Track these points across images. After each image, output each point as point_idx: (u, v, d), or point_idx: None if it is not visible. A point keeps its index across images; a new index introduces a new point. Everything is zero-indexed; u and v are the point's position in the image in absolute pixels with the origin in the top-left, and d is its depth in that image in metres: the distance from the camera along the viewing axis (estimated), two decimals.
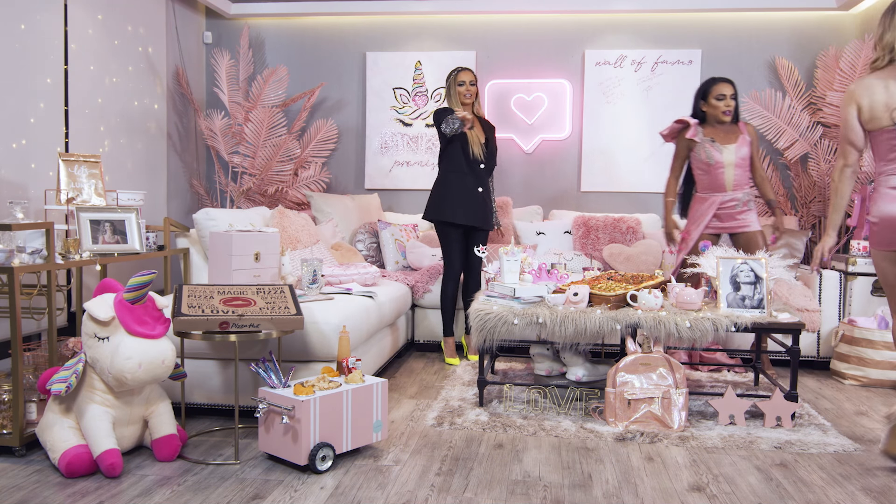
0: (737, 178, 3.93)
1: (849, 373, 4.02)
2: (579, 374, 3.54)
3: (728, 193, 3.95)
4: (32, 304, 3.09)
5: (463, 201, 4.16)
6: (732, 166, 3.90)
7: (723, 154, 3.89)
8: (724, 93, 3.90)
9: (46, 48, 3.87)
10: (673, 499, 2.40)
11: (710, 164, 3.90)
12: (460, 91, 4.21)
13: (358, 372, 2.78)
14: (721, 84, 3.93)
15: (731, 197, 3.95)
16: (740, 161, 3.91)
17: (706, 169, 3.94)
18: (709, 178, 3.96)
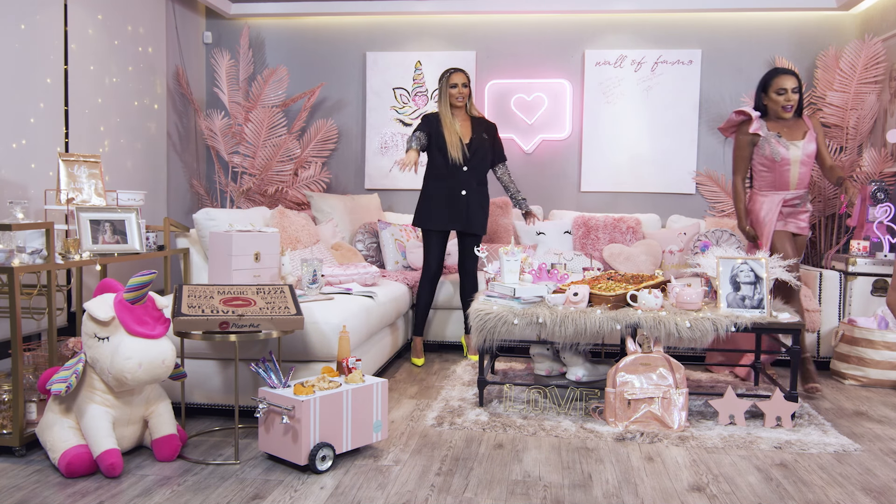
0: (801, 175, 3.77)
1: (849, 373, 4.02)
2: (579, 374, 3.54)
3: (791, 192, 3.79)
4: (32, 304, 3.09)
5: (441, 206, 4.13)
6: (799, 163, 3.73)
7: (790, 150, 3.71)
8: (786, 86, 3.69)
9: (46, 48, 3.87)
10: (673, 499, 2.40)
11: (775, 160, 3.72)
12: (452, 93, 4.17)
13: (358, 372, 2.78)
14: (782, 77, 3.71)
15: (795, 195, 3.80)
16: (807, 158, 3.74)
17: (770, 166, 3.76)
18: (773, 176, 3.79)
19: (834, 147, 4.97)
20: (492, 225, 5.11)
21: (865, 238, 4.39)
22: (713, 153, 5.40)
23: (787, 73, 3.70)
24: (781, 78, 3.71)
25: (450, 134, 4.12)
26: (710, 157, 5.40)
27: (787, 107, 3.71)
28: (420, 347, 4.31)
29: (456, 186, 4.14)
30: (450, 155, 4.10)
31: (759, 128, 3.76)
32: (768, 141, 3.73)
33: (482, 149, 4.22)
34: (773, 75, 3.73)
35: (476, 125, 4.25)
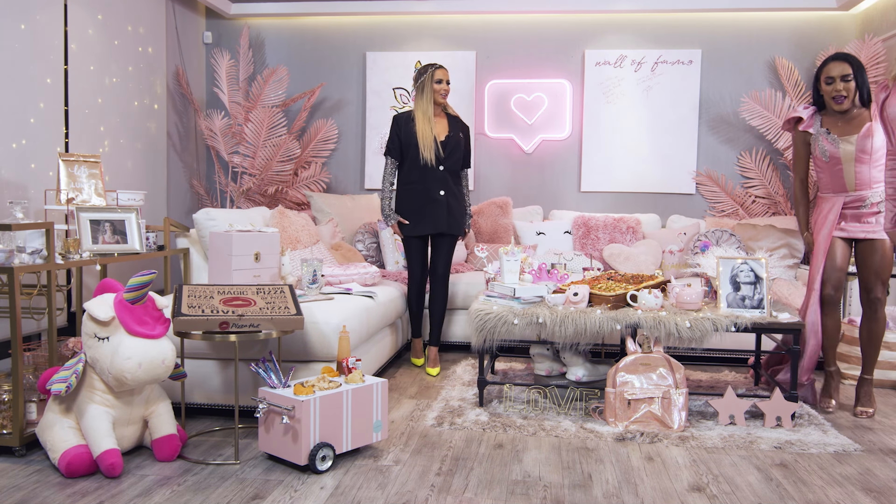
0: (861, 174, 3.30)
1: (849, 373, 4.01)
2: (579, 374, 3.54)
3: (851, 193, 3.36)
4: (32, 304, 3.09)
5: (419, 211, 3.98)
6: (853, 161, 3.28)
7: (839, 147, 3.29)
8: (833, 74, 3.27)
9: (46, 48, 3.87)
10: (673, 499, 2.40)
11: (824, 160, 3.35)
12: (437, 89, 3.97)
13: (358, 372, 2.78)
14: (831, 64, 3.29)
15: (856, 196, 3.35)
16: (863, 155, 3.27)
17: (823, 166, 3.39)
18: (827, 177, 3.41)
19: None
20: (492, 225, 5.11)
21: None
22: (713, 153, 5.40)
23: (836, 60, 3.28)
24: (830, 66, 3.29)
25: (423, 134, 3.95)
26: (710, 157, 5.40)
27: (838, 98, 3.28)
28: (420, 348, 4.29)
29: (433, 187, 3.98)
30: (422, 156, 3.94)
31: (810, 124, 3.42)
32: (818, 138, 3.37)
33: (458, 148, 4.07)
34: (824, 63, 3.34)
35: (452, 124, 4.10)
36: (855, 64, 3.25)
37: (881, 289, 3.35)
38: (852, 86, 3.25)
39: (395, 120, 4.09)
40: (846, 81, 3.25)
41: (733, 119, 5.33)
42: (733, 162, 5.36)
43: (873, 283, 3.35)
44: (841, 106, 3.27)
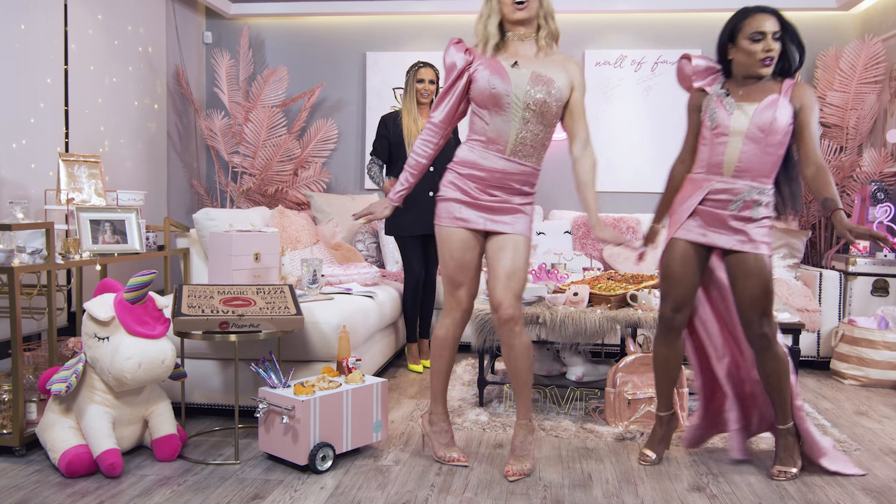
0: (744, 157, 2.50)
1: (849, 373, 4.02)
2: (579, 374, 3.54)
3: (724, 179, 2.54)
4: (32, 304, 3.09)
5: (411, 211, 3.82)
6: (741, 137, 2.49)
7: (732, 116, 2.50)
8: (764, 29, 2.45)
9: (46, 48, 3.87)
10: (673, 499, 2.40)
11: (709, 126, 2.55)
12: (419, 89, 3.97)
13: (358, 372, 2.78)
14: (760, 17, 2.48)
15: (727, 187, 2.53)
16: (757, 132, 2.47)
17: (707, 137, 2.58)
18: (707, 151, 2.59)
19: (834, 147, 4.97)
20: None
21: None
22: None
23: (765, 12, 2.49)
24: (758, 18, 2.47)
25: (409, 134, 3.93)
26: None
27: (766, 60, 2.47)
28: (417, 353, 4.23)
29: (423, 187, 3.90)
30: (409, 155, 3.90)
31: (709, 81, 2.61)
32: (711, 99, 2.56)
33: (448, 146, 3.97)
34: (745, 15, 2.51)
35: None
36: (782, 20, 2.52)
37: (766, 322, 2.52)
38: (779, 46, 2.49)
39: (383, 120, 4.08)
40: (777, 41, 2.48)
41: None
42: None
43: (752, 316, 2.52)
44: (768, 69, 2.50)
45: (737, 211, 2.51)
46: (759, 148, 2.49)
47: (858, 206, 4.51)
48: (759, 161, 2.50)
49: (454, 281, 2.62)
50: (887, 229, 4.32)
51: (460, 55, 2.53)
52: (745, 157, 2.50)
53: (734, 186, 2.52)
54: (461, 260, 2.60)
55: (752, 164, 2.50)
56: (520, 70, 2.49)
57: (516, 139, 2.53)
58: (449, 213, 2.60)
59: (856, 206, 4.53)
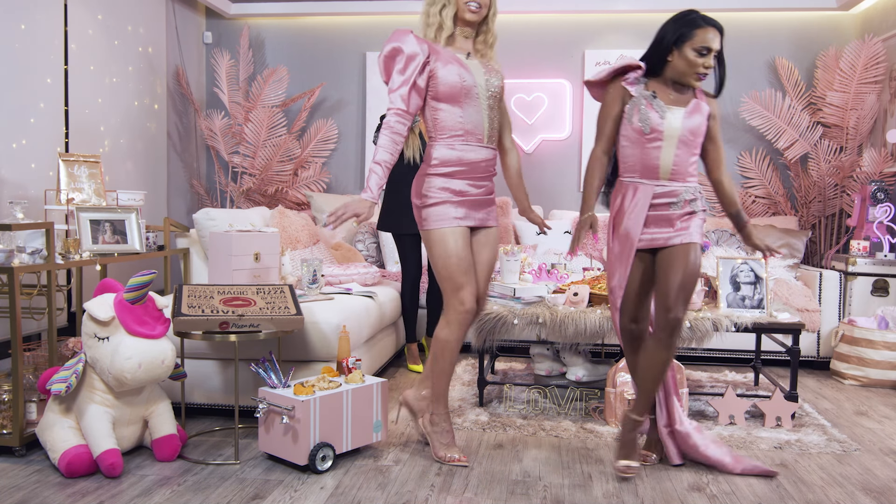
0: (678, 160, 2.54)
1: (849, 373, 4.02)
2: (579, 374, 3.54)
3: (663, 182, 2.56)
4: (32, 304, 3.09)
5: (405, 210, 3.85)
6: (675, 141, 2.52)
7: (665, 119, 2.51)
8: (711, 46, 2.48)
9: (46, 48, 3.87)
10: (673, 499, 2.40)
11: (643, 131, 2.53)
12: None
13: (358, 372, 2.78)
14: (710, 32, 2.49)
15: (668, 190, 2.55)
16: (688, 136, 2.53)
17: (635, 140, 2.55)
18: (637, 155, 2.56)
19: (834, 147, 4.97)
20: None
21: (865, 238, 4.39)
22: None
23: (713, 27, 2.51)
24: (708, 33, 2.49)
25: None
26: None
27: (703, 74, 2.52)
28: (417, 353, 4.23)
29: None
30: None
31: (634, 81, 2.60)
32: (639, 102, 2.54)
33: None
34: (696, 25, 2.52)
35: None
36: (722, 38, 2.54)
37: (683, 308, 2.52)
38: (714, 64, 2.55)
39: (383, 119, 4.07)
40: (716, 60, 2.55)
41: (733, 119, 5.33)
42: (733, 162, 5.36)
43: (675, 300, 2.51)
44: (700, 83, 2.56)
45: (680, 210, 2.56)
46: (688, 151, 2.55)
47: (858, 206, 4.51)
48: (687, 163, 2.57)
49: (458, 282, 2.60)
50: (887, 229, 4.32)
51: (423, 46, 2.53)
52: (678, 160, 2.54)
53: (673, 189, 2.56)
54: (465, 259, 2.61)
55: (682, 166, 2.56)
56: (473, 61, 2.62)
57: (489, 127, 2.65)
58: (445, 215, 2.60)
59: (856, 206, 4.53)
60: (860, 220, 4.48)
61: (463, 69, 2.56)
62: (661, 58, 2.57)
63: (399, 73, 2.52)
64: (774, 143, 5.12)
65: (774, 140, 5.11)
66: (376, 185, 2.57)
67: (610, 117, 2.60)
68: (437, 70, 2.54)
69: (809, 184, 5.08)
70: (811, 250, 5.15)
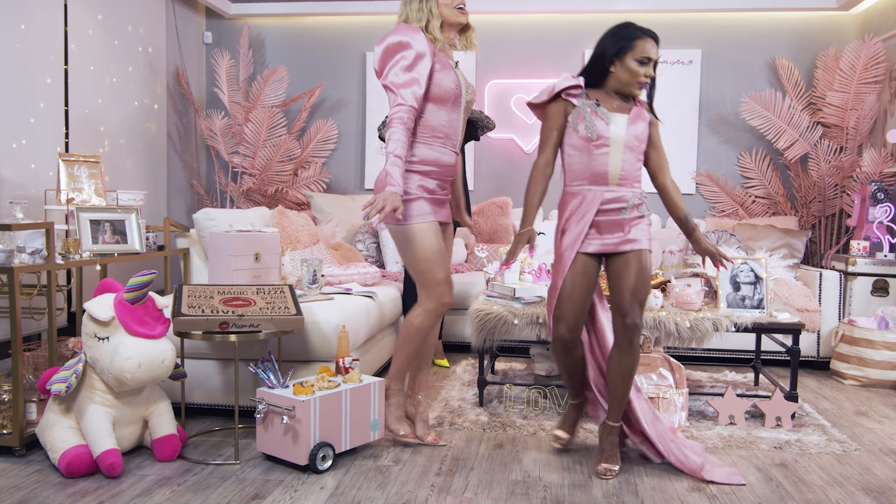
0: (625, 166, 2.59)
1: (849, 373, 4.02)
2: None
3: (612, 188, 2.60)
4: (32, 304, 3.09)
5: None
6: (621, 147, 2.58)
7: (610, 126, 2.57)
8: (651, 56, 2.61)
9: (46, 48, 3.87)
10: (673, 499, 2.40)
11: (590, 138, 2.56)
12: None
13: (356, 371, 2.78)
14: (650, 43, 2.62)
15: (617, 195, 2.59)
16: (634, 141, 2.60)
17: (582, 148, 2.59)
18: (584, 163, 2.60)
19: (834, 147, 4.97)
20: (491, 225, 5.11)
21: (865, 238, 4.39)
22: (713, 153, 5.40)
23: (652, 38, 2.65)
24: (647, 44, 2.61)
25: None
26: (710, 158, 5.40)
27: (643, 84, 2.62)
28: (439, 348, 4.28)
29: None
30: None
31: (574, 94, 2.64)
32: (583, 111, 2.59)
33: None
34: (636, 36, 2.63)
35: None
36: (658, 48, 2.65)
37: (639, 312, 2.57)
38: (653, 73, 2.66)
39: None
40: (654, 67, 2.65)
41: (733, 119, 5.33)
42: (733, 162, 5.36)
43: (630, 305, 2.55)
44: (641, 92, 2.66)
45: (628, 215, 2.60)
46: (634, 156, 2.62)
47: (858, 206, 4.51)
48: (634, 168, 2.62)
49: (438, 276, 2.69)
50: (887, 229, 4.32)
51: (430, 46, 2.57)
52: (625, 166, 2.60)
53: (621, 194, 2.60)
54: (443, 253, 2.72)
55: (629, 171, 2.61)
56: (459, 70, 2.72)
57: (461, 134, 2.77)
58: (424, 211, 2.66)
59: (856, 206, 4.53)
60: (860, 220, 4.48)
61: (455, 76, 2.66)
62: (603, 70, 2.64)
63: (406, 70, 2.53)
64: (774, 143, 5.12)
65: (774, 140, 5.11)
66: (401, 177, 2.52)
67: (554, 128, 2.65)
68: (436, 72, 2.59)
69: (809, 184, 5.08)
70: (811, 250, 5.15)
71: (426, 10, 2.60)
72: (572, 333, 2.63)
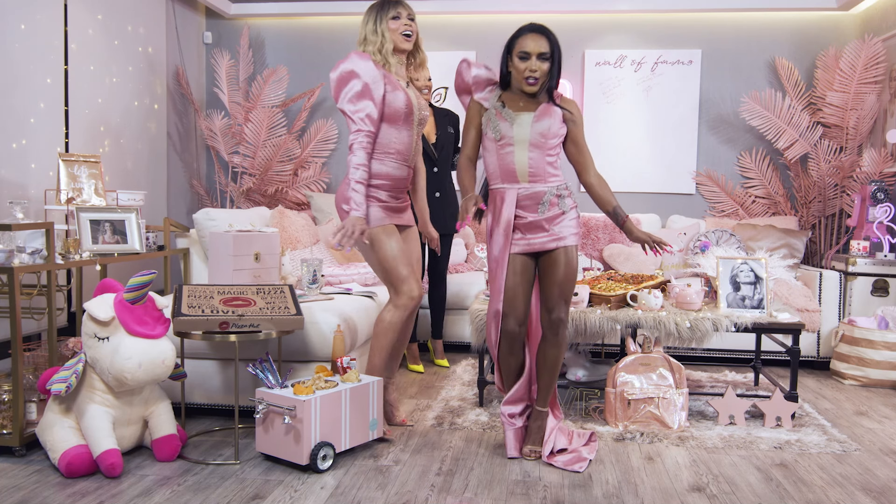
0: (532, 163, 2.66)
1: (849, 373, 4.02)
2: (579, 374, 3.55)
3: (524, 185, 2.68)
4: (32, 304, 3.09)
5: None
6: (526, 145, 2.65)
7: (513, 126, 2.65)
8: (529, 49, 2.62)
9: (46, 48, 3.87)
10: (673, 499, 2.40)
11: (495, 138, 2.68)
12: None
13: (354, 371, 2.78)
14: (527, 36, 2.65)
15: (531, 192, 2.67)
16: (539, 139, 2.64)
17: (492, 147, 2.71)
18: (495, 162, 2.71)
19: (834, 147, 4.97)
20: None
21: (865, 238, 4.39)
22: (713, 153, 5.40)
23: (536, 31, 2.65)
24: (526, 38, 2.63)
25: None
26: (710, 157, 5.40)
27: (530, 79, 2.64)
28: (417, 353, 4.24)
29: (430, 188, 3.93)
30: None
31: (485, 96, 2.76)
32: (491, 112, 2.71)
33: (448, 144, 4.08)
34: (517, 35, 2.68)
35: (440, 120, 4.10)
36: (553, 40, 2.66)
37: (564, 308, 2.69)
38: (546, 67, 2.64)
39: None
40: (542, 60, 2.63)
41: (733, 119, 5.33)
42: (733, 162, 5.36)
43: (556, 301, 2.68)
44: (532, 88, 2.65)
45: (547, 211, 2.68)
46: (542, 153, 2.68)
47: (858, 205, 4.51)
48: (543, 164, 2.69)
49: (402, 273, 2.84)
50: (887, 229, 4.32)
51: (380, 71, 2.76)
52: (533, 163, 2.68)
53: (535, 190, 2.68)
54: (404, 251, 2.87)
55: (539, 167, 2.68)
56: (410, 90, 2.89)
57: (414, 150, 2.93)
58: (376, 216, 2.83)
59: (856, 206, 4.53)
60: (860, 220, 4.48)
61: (406, 96, 2.81)
62: (506, 72, 2.76)
63: (359, 97, 2.71)
64: (774, 143, 5.12)
65: (774, 140, 5.11)
66: (362, 201, 2.72)
67: (472, 126, 2.79)
68: (387, 94, 2.76)
69: (809, 184, 5.08)
70: (811, 250, 5.15)
71: (379, 32, 2.81)
72: (521, 327, 2.74)
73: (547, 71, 2.65)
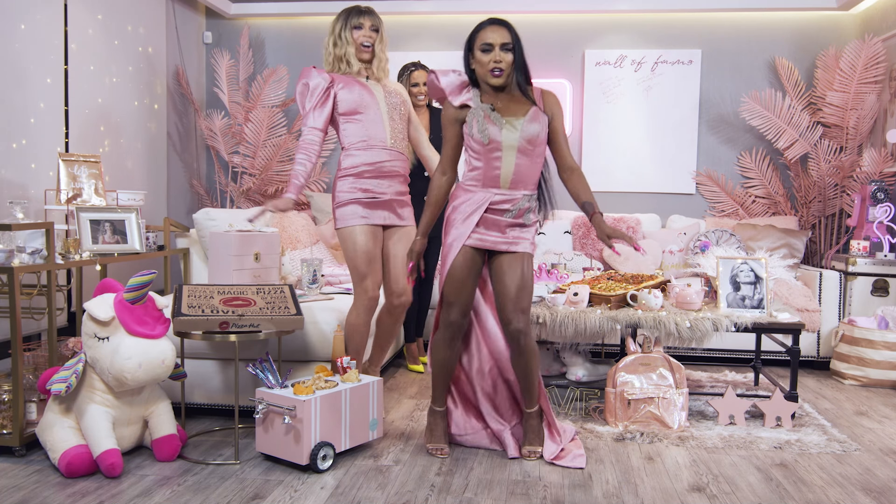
0: (518, 170, 2.64)
1: (849, 373, 4.02)
2: (579, 374, 3.54)
3: (502, 191, 2.66)
4: (32, 304, 3.09)
5: None
6: (514, 151, 2.62)
7: (503, 131, 2.61)
8: (490, 41, 2.61)
9: (46, 48, 3.87)
10: (673, 499, 2.40)
11: (483, 142, 2.62)
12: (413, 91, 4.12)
13: (353, 371, 2.78)
14: (488, 28, 2.63)
15: (506, 197, 2.65)
16: (526, 145, 2.63)
17: (479, 150, 2.65)
18: (482, 166, 2.66)
19: (834, 147, 4.97)
20: None
21: (865, 238, 4.39)
22: (713, 153, 5.40)
23: (494, 24, 2.64)
24: (487, 30, 2.62)
25: None
26: (710, 157, 5.40)
27: (495, 70, 2.62)
28: (416, 353, 4.24)
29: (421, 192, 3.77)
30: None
31: (468, 98, 2.70)
32: (476, 115, 2.64)
33: None
34: (477, 29, 2.66)
35: (436, 120, 4.12)
36: (514, 33, 2.67)
37: (522, 318, 2.66)
38: (510, 58, 2.65)
39: None
40: (507, 51, 2.64)
41: (733, 119, 5.33)
42: (733, 162, 5.36)
43: (513, 313, 2.65)
44: (498, 80, 2.64)
45: (512, 218, 2.68)
46: (529, 160, 2.66)
47: (858, 205, 4.51)
48: (529, 171, 2.67)
49: (362, 272, 2.95)
50: (887, 229, 4.32)
51: (324, 76, 3.05)
52: (518, 170, 2.65)
53: (512, 197, 2.67)
54: (370, 253, 2.96)
55: (524, 174, 2.66)
56: (371, 82, 3.08)
57: (392, 134, 3.03)
58: (354, 214, 2.95)
59: (856, 206, 4.53)
60: (860, 220, 4.48)
61: (363, 89, 3.01)
62: (471, 70, 2.73)
63: (308, 100, 3.00)
64: (774, 143, 5.12)
65: (774, 140, 5.11)
66: (296, 187, 2.94)
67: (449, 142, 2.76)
68: (339, 92, 3.00)
69: (809, 184, 5.08)
70: (811, 250, 5.15)
71: (342, 40, 3.10)
72: (463, 318, 2.73)
73: (511, 62, 2.65)
